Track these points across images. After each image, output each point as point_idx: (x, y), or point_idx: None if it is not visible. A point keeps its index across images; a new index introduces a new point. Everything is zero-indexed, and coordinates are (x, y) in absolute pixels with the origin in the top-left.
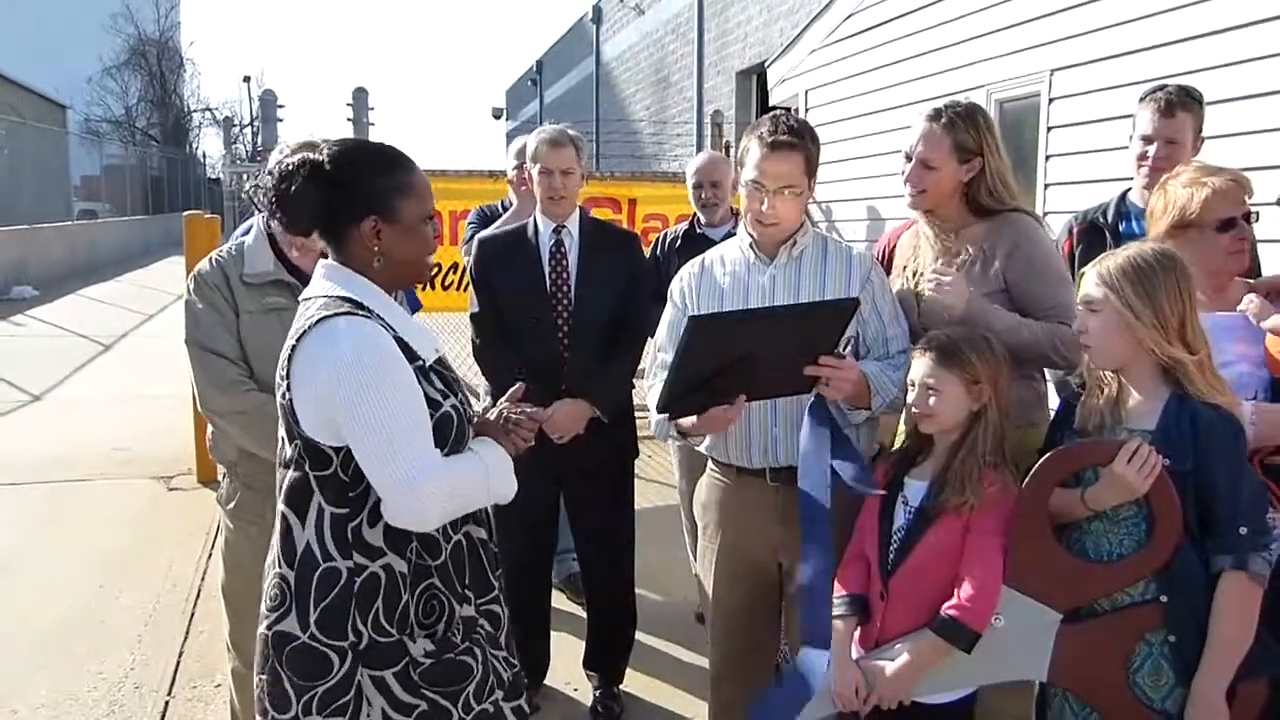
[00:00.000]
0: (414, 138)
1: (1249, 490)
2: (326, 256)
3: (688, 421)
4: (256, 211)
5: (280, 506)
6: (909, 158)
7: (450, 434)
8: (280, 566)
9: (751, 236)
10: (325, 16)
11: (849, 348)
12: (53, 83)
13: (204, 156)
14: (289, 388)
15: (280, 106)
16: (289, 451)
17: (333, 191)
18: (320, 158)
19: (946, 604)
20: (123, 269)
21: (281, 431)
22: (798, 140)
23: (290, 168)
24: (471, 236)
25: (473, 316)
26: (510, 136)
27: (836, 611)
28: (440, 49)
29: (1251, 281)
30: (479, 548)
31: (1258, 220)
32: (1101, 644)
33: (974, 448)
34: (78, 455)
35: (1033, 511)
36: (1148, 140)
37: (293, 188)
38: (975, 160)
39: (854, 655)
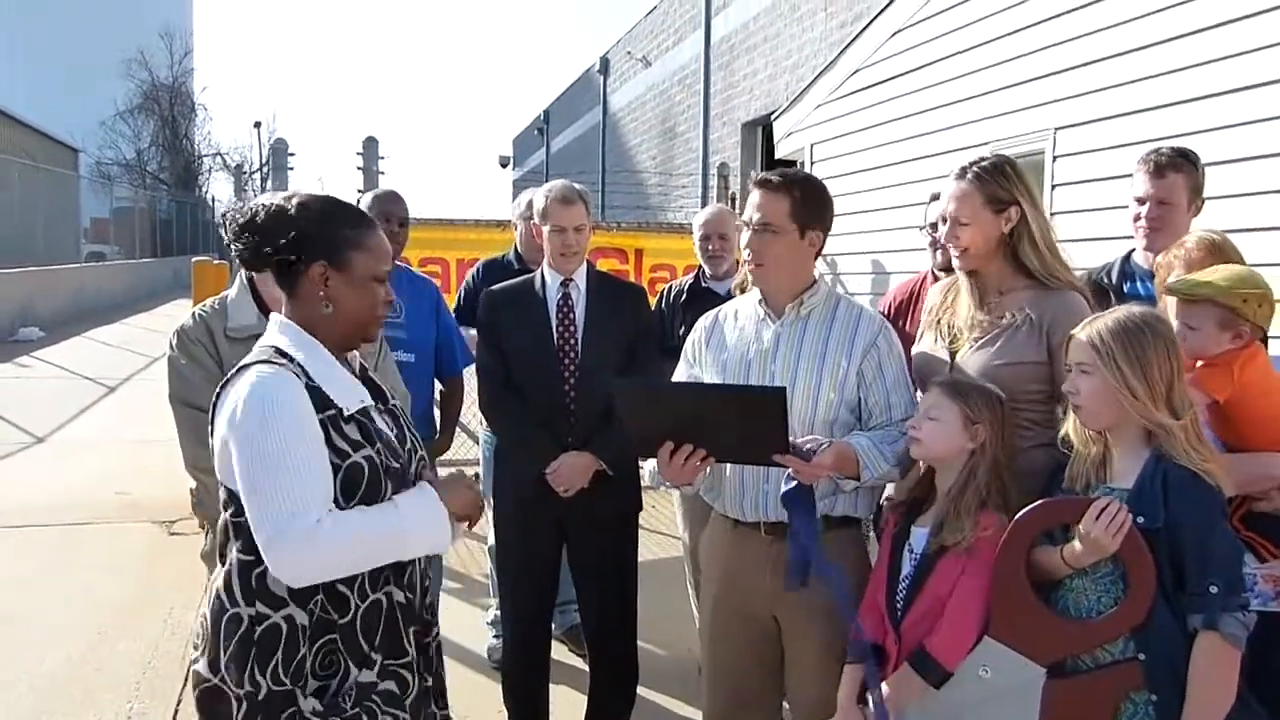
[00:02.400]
0: (422, 185)
1: (1220, 549)
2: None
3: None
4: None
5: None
6: (944, 219)
7: (359, 486)
8: (203, 605)
9: (760, 292)
10: (336, 65)
11: (826, 446)
12: (66, 126)
13: (213, 200)
14: (213, 433)
15: (291, 155)
16: (223, 495)
17: (290, 232)
18: (287, 203)
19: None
20: (129, 311)
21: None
22: (784, 182)
23: (258, 207)
24: (473, 287)
25: (478, 368)
26: (517, 185)
27: (848, 660)
28: (448, 98)
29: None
30: (396, 610)
31: None
32: (1087, 701)
33: (968, 488)
34: (80, 498)
35: (1010, 567)
36: (1140, 201)
37: (257, 223)
38: (1011, 210)
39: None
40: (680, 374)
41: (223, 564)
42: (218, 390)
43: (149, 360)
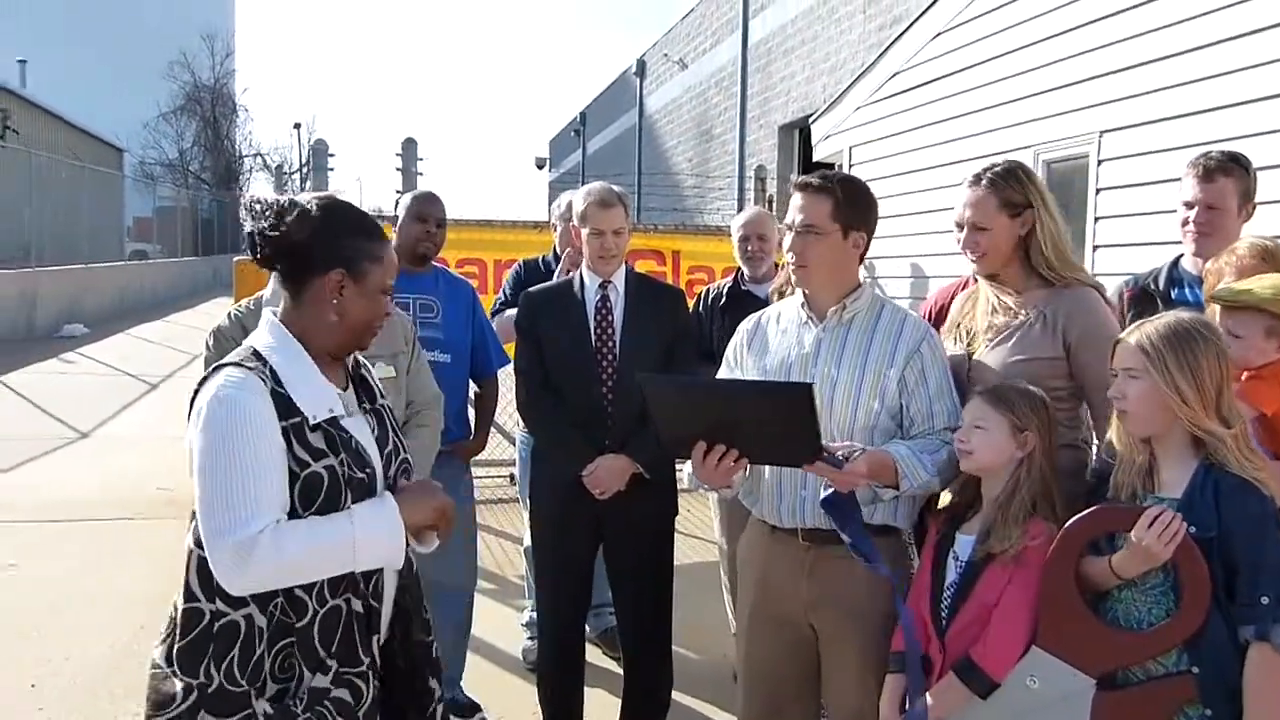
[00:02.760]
0: (459, 186)
1: (1273, 559)
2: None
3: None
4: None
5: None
6: (960, 226)
7: (317, 496)
8: (177, 596)
9: (803, 294)
10: (375, 67)
11: (859, 453)
12: (111, 127)
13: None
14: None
15: (331, 155)
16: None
17: (313, 237)
18: (310, 206)
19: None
20: (171, 309)
21: None
22: (826, 184)
23: (282, 205)
24: (513, 291)
25: (517, 369)
26: (553, 186)
27: (890, 669)
28: (486, 100)
29: None
30: (353, 620)
31: None
32: (1138, 714)
33: (1016, 495)
34: (121, 494)
35: (1059, 577)
36: (1189, 205)
37: (284, 220)
38: (1026, 213)
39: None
40: (722, 375)
41: (190, 558)
42: (195, 386)
43: (190, 357)
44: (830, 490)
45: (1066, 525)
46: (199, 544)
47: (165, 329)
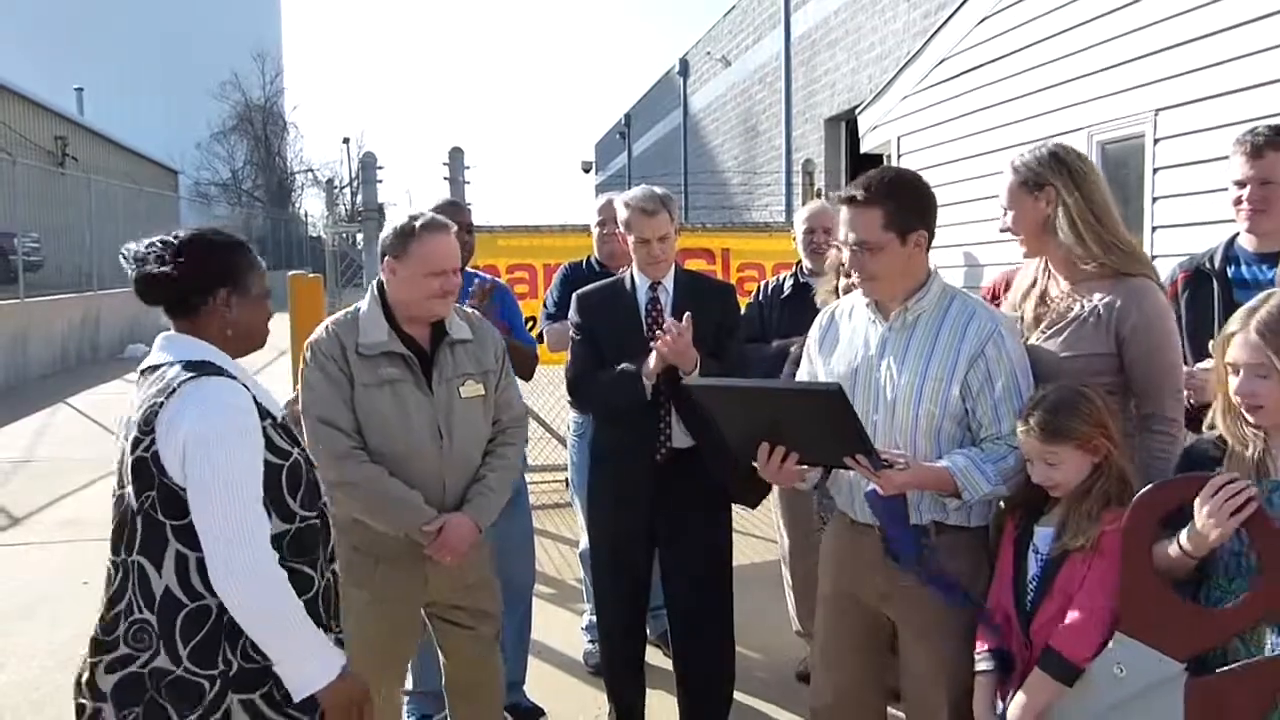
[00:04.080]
0: (507, 193)
1: None
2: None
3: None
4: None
5: (131, 556)
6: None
7: (300, 481)
8: (139, 611)
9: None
10: (421, 79)
11: (904, 465)
12: (165, 149)
13: (306, 216)
14: (154, 441)
15: (380, 168)
16: (136, 503)
17: (187, 268)
18: (175, 241)
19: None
20: None
21: (129, 485)
22: (871, 195)
23: (146, 248)
24: (560, 297)
25: (572, 353)
26: (599, 189)
27: (978, 667)
28: (531, 106)
29: None
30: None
31: None
32: (1235, 700)
33: (1092, 491)
34: None
35: (1135, 555)
36: (1240, 184)
37: (147, 267)
38: (1048, 189)
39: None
40: (801, 376)
41: (157, 570)
42: (159, 400)
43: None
44: (872, 487)
45: (1134, 500)
46: (189, 546)
47: None
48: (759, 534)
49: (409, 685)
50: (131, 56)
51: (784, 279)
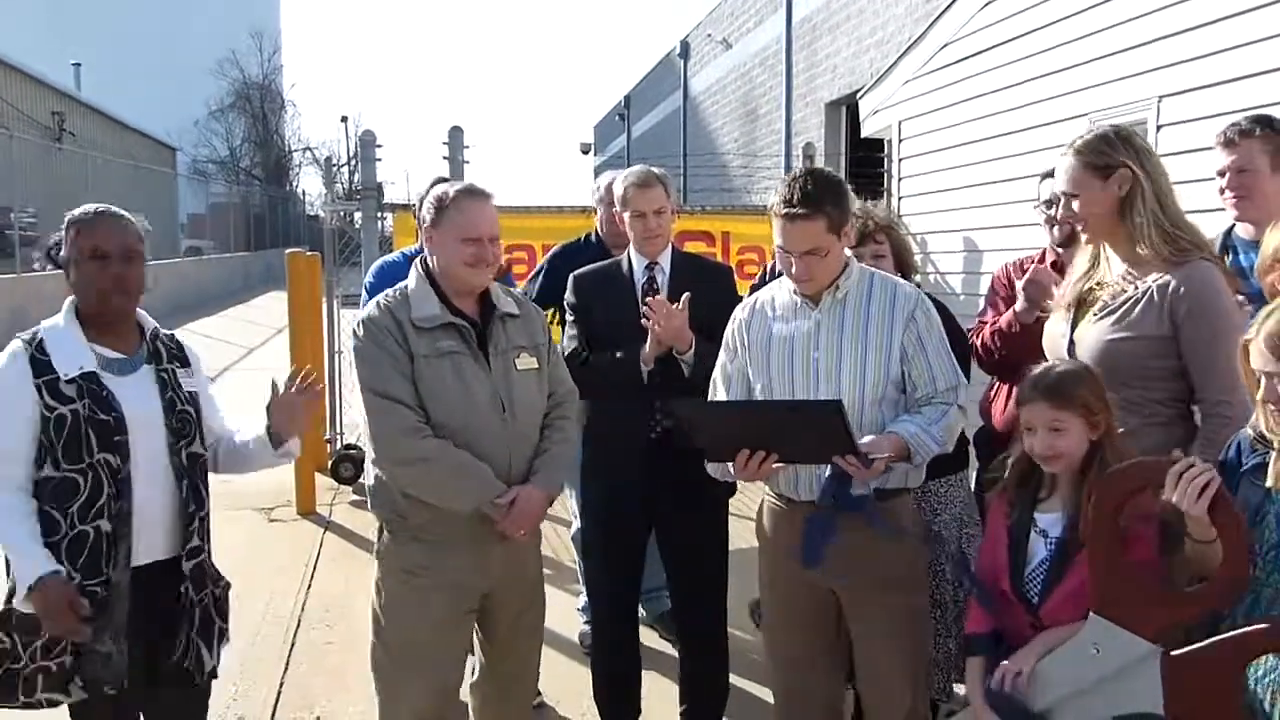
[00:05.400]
0: (506, 174)
1: None
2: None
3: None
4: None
5: None
6: (1058, 199)
7: (62, 433)
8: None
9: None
10: (420, 57)
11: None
12: (163, 126)
13: (304, 194)
14: None
15: (379, 146)
16: None
17: (57, 237)
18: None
19: None
20: (226, 304)
21: None
22: (810, 207)
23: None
24: (540, 271)
25: (567, 350)
26: (598, 171)
27: (974, 653)
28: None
29: None
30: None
31: None
32: (1213, 673)
33: (1089, 475)
34: None
35: (1101, 538)
36: (1221, 174)
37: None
38: (1122, 171)
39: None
40: (722, 363)
41: None
42: None
43: (246, 350)
44: (831, 481)
45: (1099, 483)
46: None
47: (221, 323)
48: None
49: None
50: (129, 33)
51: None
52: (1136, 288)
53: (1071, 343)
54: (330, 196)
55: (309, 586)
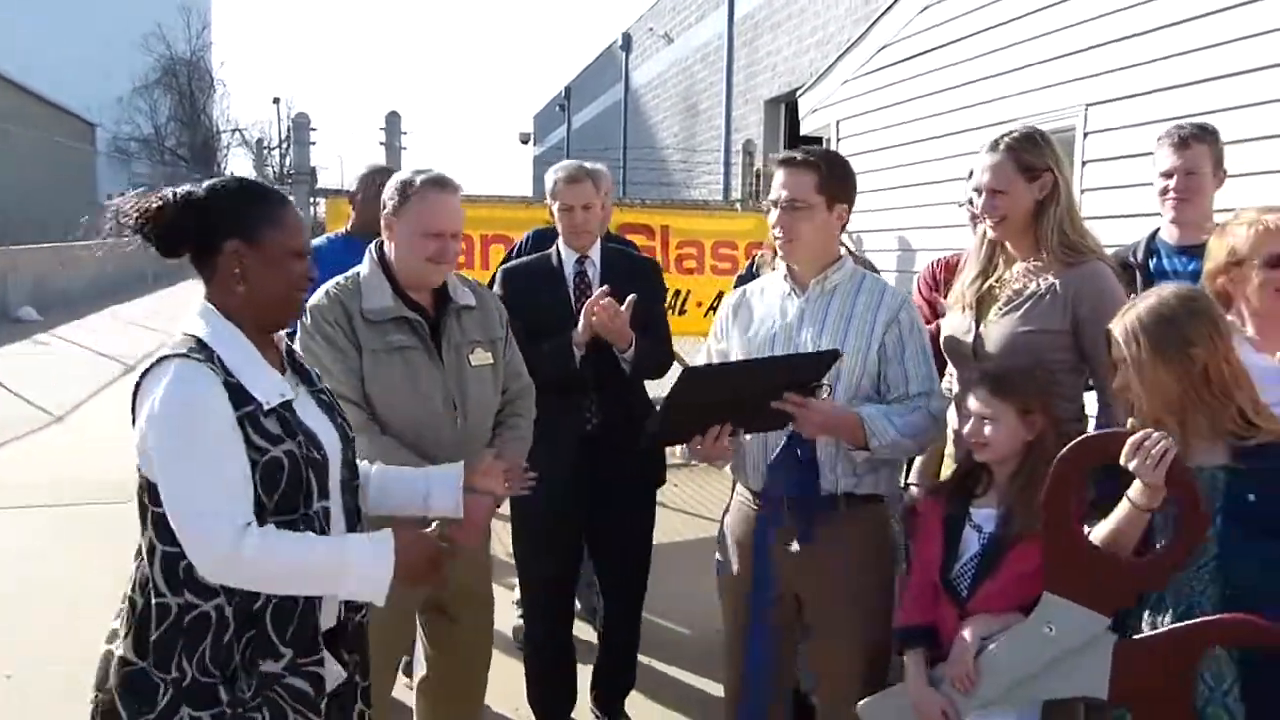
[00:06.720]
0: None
1: None
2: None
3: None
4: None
5: (143, 533)
6: (979, 192)
7: (279, 481)
8: (132, 590)
9: (787, 267)
10: (357, 40)
11: (828, 392)
12: (84, 102)
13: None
14: (134, 421)
15: (313, 130)
16: (139, 481)
17: (200, 216)
18: (197, 187)
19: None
20: (149, 288)
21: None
22: (808, 158)
23: (168, 195)
24: (509, 257)
25: None
26: (538, 162)
27: (909, 645)
28: (469, 74)
29: None
30: (309, 604)
31: None
32: (1159, 662)
33: (1034, 477)
34: (101, 478)
35: (1058, 514)
36: (1167, 175)
37: (165, 212)
38: (1046, 176)
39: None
40: (708, 348)
41: (147, 552)
42: (139, 378)
43: (167, 337)
44: (782, 447)
45: (1057, 460)
46: (163, 539)
47: (142, 308)
48: (689, 509)
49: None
50: (50, 2)
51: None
52: (1039, 284)
53: (978, 338)
54: (261, 180)
55: None
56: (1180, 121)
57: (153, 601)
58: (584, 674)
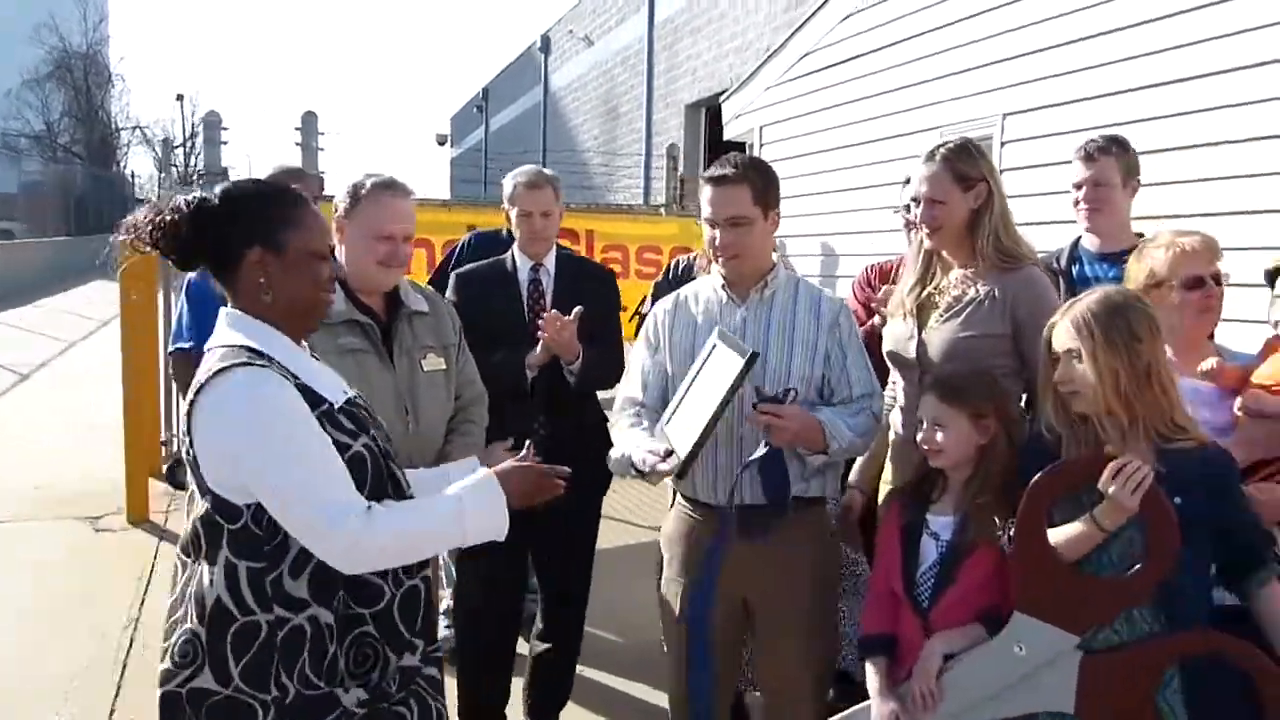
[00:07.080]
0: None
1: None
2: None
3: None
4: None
5: (194, 560)
6: (916, 202)
7: (366, 474)
8: (190, 621)
9: (723, 276)
10: (266, 37)
11: (792, 398)
12: None
13: (133, 176)
14: (191, 443)
15: (224, 129)
16: (200, 506)
17: (218, 225)
18: (210, 195)
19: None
20: (42, 293)
21: (192, 485)
22: (740, 172)
23: (180, 205)
24: (461, 257)
25: None
26: (455, 163)
27: (871, 654)
28: (384, 73)
29: (1219, 346)
30: (426, 596)
31: (1228, 281)
32: (1125, 677)
33: (988, 482)
34: None
35: (1031, 536)
36: (1078, 186)
37: (180, 224)
38: (980, 186)
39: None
40: (641, 358)
41: (210, 577)
42: (191, 396)
43: (65, 345)
44: (762, 452)
45: (1030, 483)
46: (243, 555)
47: (36, 315)
48: (629, 519)
49: None
50: None
51: (694, 258)
52: (978, 290)
53: (921, 343)
54: (167, 180)
55: (143, 603)
56: (1093, 134)
57: (233, 626)
58: (515, 685)
